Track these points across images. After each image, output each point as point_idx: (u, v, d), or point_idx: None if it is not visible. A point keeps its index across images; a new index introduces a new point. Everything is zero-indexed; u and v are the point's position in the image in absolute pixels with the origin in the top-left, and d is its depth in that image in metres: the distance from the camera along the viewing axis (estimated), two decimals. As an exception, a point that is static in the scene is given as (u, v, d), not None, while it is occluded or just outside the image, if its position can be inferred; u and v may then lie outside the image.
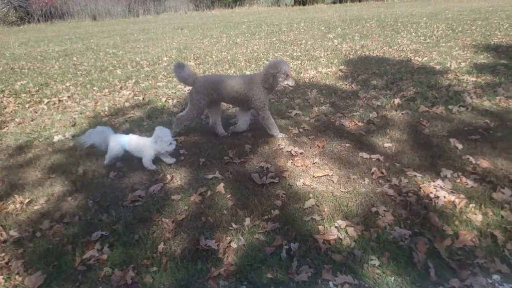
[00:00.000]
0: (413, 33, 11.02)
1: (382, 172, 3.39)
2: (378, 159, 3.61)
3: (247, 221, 2.80)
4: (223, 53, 9.83)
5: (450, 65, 6.83)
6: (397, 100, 5.07)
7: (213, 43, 11.88)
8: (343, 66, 7.32)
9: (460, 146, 3.74)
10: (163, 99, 5.81)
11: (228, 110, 5.23)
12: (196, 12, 30.54)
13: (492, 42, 8.79)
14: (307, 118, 4.71)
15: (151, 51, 10.88)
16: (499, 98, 4.95)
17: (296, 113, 4.89)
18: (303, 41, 10.87)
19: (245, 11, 29.08)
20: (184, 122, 4.32)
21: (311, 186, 3.26)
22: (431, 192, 3.07)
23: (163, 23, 21.17)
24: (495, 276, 2.25)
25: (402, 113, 4.64)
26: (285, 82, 3.97)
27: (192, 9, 31.64)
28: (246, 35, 13.38)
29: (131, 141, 3.59)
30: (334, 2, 31.36)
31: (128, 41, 13.52)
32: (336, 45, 9.83)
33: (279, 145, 4.02)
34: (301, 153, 3.81)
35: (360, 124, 4.44)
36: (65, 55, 11.05)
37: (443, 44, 9.00)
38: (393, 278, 2.27)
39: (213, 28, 16.24)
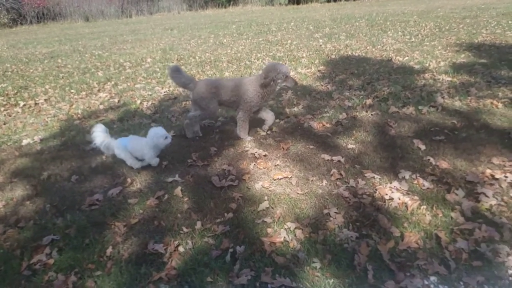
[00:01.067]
0: (399, 32, 11.03)
1: (340, 174, 3.40)
2: (339, 161, 3.62)
3: (198, 224, 2.82)
4: (207, 53, 9.84)
5: (429, 65, 6.84)
6: (369, 101, 5.08)
7: (199, 43, 11.88)
8: (323, 67, 7.33)
9: (423, 147, 3.75)
10: (138, 102, 5.82)
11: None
12: (190, 12, 30.53)
13: (476, 41, 8.81)
14: (277, 120, 4.70)
15: (136, 52, 10.88)
16: (471, 98, 4.96)
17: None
18: (289, 41, 10.88)
19: (239, 10, 29.08)
20: (196, 124, 4.32)
21: (269, 189, 3.27)
22: (386, 194, 3.08)
23: (155, 23, 21.15)
24: (432, 278, 2.27)
25: (371, 114, 4.65)
26: (284, 84, 4.00)
27: (185, 9, 31.63)
28: (234, 35, 13.39)
29: (131, 142, 3.62)
30: (328, 1, 31.37)
31: (116, 43, 13.51)
32: (321, 45, 9.84)
33: (244, 147, 4.02)
34: (264, 156, 3.81)
35: (328, 125, 4.46)
36: (51, 57, 11.03)
37: (427, 43, 9.01)
38: (332, 280, 2.28)
39: (203, 29, 16.24)
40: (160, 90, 6.41)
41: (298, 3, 30.98)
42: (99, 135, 3.64)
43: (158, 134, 3.52)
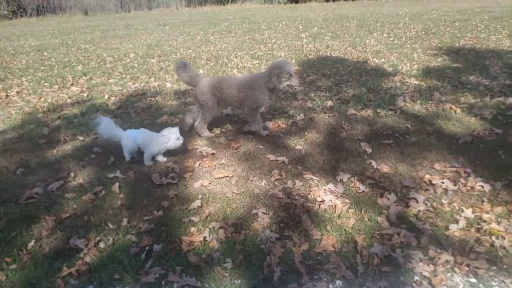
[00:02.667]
0: (385, 34, 11.02)
1: (281, 175, 3.42)
2: (283, 161, 3.64)
3: (125, 221, 2.82)
4: (190, 50, 9.86)
5: (402, 68, 6.85)
6: (330, 103, 5.09)
7: (186, 40, 11.90)
8: (297, 67, 7.34)
9: (369, 151, 3.76)
10: (106, 96, 5.85)
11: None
12: (188, 9, 30.49)
13: (457, 45, 8.80)
14: (236, 119, 4.70)
15: (122, 47, 10.90)
16: (432, 102, 4.97)
17: (227, 113, 4.88)
18: (273, 40, 10.89)
19: (236, 8, 29.03)
20: (204, 126, 4.28)
21: (208, 188, 3.29)
22: (319, 196, 3.09)
23: (151, 19, 21.16)
24: (338, 282, 2.29)
25: (329, 116, 4.67)
26: (288, 82, 3.98)
27: (184, 5, 31.55)
28: (223, 33, 13.39)
29: (142, 135, 3.66)
30: (327, 0, 31.18)
31: (106, 37, 13.53)
32: (303, 45, 9.85)
33: (195, 145, 4.03)
34: (212, 154, 3.83)
35: (283, 126, 4.47)
36: (38, 50, 11.07)
37: (408, 46, 9.01)
38: (239, 281, 2.30)
39: (195, 25, 16.25)
40: (131, 86, 6.43)
41: (296, 2, 30.89)
42: (105, 126, 3.69)
43: (171, 136, 3.58)
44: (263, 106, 4.27)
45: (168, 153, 3.76)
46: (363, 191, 3.14)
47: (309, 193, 3.16)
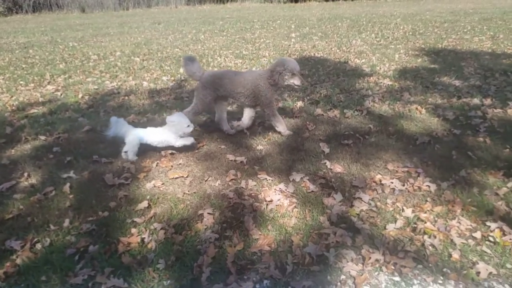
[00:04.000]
0: (373, 34, 11.05)
1: (236, 175, 3.43)
2: (241, 162, 3.67)
3: (67, 222, 2.84)
4: (176, 49, 9.89)
5: (380, 69, 6.84)
6: (300, 103, 5.09)
7: (176, 39, 11.93)
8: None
9: (327, 151, 3.78)
10: (80, 95, 5.88)
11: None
12: (187, 7, 30.48)
13: (440, 46, 8.82)
14: (204, 118, 4.73)
15: (110, 45, 10.94)
16: (399, 103, 5.00)
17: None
18: (262, 40, 10.91)
19: (236, 7, 29.02)
20: (190, 117, 4.11)
21: (160, 188, 3.31)
22: (269, 196, 3.10)
23: (148, 17, 21.20)
24: (265, 282, 2.31)
25: (296, 116, 4.68)
26: (291, 81, 3.95)
27: (183, 3, 31.52)
28: (215, 31, 13.42)
29: (151, 134, 3.73)
30: (326, 0, 31.07)
31: (97, 35, 13.57)
32: (289, 45, 9.87)
33: (156, 145, 4.03)
34: (171, 154, 3.85)
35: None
36: (25, 47, 11.10)
37: (392, 46, 9.02)
38: (168, 282, 2.33)
39: (190, 24, 16.28)
40: (108, 85, 6.45)
41: (296, 1, 30.82)
42: (117, 125, 3.74)
43: (180, 123, 3.62)
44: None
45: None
46: (312, 191, 3.17)
47: (260, 193, 3.14)
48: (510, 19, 13.05)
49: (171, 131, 3.67)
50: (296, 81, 4.00)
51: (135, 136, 3.75)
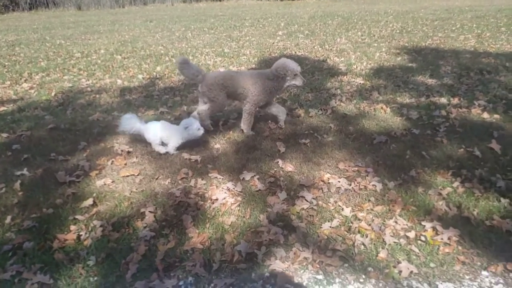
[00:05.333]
0: (360, 32, 11.02)
1: (187, 174, 3.44)
2: (196, 160, 3.69)
3: (8, 219, 2.86)
4: (160, 47, 9.91)
5: (356, 67, 6.85)
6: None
7: (164, 36, 11.96)
8: (255, 65, 7.36)
9: (283, 150, 3.81)
10: (53, 93, 5.90)
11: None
12: (183, 4, 30.46)
13: (423, 44, 8.84)
14: (169, 116, 4.75)
15: (96, 43, 10.98)
16: (366, 102, 5.02)
17: (162, 111, 4.92)
18: (248, 38, 10.92)
19: (232, 4, 28.98)
20: (207, 118, 4.24)
21: (109, 186, 3.34)
22: (215, 195, 3.12)
23: (142, 14, 21.20)
24: (190, 279, 2.35)
25: (260, 115, 4.68)
26: (293, 82, 4.00)
27: (180, 0, 31.46)
28: (204, 29, 13.43)
29: (162, 128, 3.76)
30: (323, -3, 30.89)
31: (87, 33, 13.60)
32: (273, 43, 9.86)
33: (114, 142, 4.07)
34: (128, 152, 3.88)
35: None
36: (12, 45, 11.13)
37: (376, 45, 9.02)
38: (95, 278, 2.36)
39: (181, 22, 16.28)
40: (84, 83, 6.47)
41: (292, -1, 30.62)
42: (129, 121, 3.79)
43: (192, 126, 3.66)
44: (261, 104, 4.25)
45: (87, 150, 3.89)
46: (259, 190, 3.18)
47: (207, 192, 3.16)
48: (503, 16, 13.02)
49: (178, 133, 3.75)
50: (297, 82, 4.07)
51: (153, 131, 3.81)
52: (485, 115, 4.41)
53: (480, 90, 5.31)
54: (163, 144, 3.86)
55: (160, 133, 3.76)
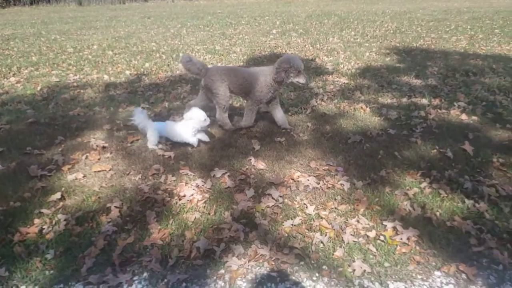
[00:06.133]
0: (353, 32, 11.00)
1: (158, 170, 3.46)
2: (169, 156, 3.69)
3: (-28, 213, 2.86)
4: (153, 43, 9.94)
5: (343, 67, 6.85)
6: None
7: (158, 33, 11.97)
8: (243, 63, 7.37)
9: (257, 148, 3.82)
10: (38, 88, 5.91)
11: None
12: (184, 2, 30.46)
13: (415, 45, 8.85)
14: (149, 113, 4.76)
15: (91, 39, 11.01)
16: (347, 102, 5.01)
17: (143, 107, 4.94)
18: (241, 36, 10.92)
19: (232, 2, 28.98)
20: (225, 116, 4.26)
21: (80, 181, 3.36)
22: (183, 191, 3.14)
23: (141, 11, 21.25)
24: (145, 274, 2.36)
25: (241, 113, 4.69)
26: (296, 79, 3.98)
27: (182, -4, 31.47)
28: (200, 26, 13.44)
29: (168, 128, 3.81)
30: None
31: (83, 28, 13.62)
32: (266, 41, 9.85)
33: (91, 137, 4.09)
34: (103, 148, 3.89)
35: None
36: (7, 39, 11.16)
37: (367, 44, 9.02)
38: (51, 272, 2.38)
39: (179, 19, 16.31)
40: (71, 78, 6.48)
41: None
42: (139, 116, 3.83)
43: (198, 117, 3.67)
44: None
45: (62, 144, 3.84)
46: (228, 187, 3.18)
47: (176, 188, 3.17)
48: (499, 18, 13.00)
49: (188, 127, 3.72)
50: (301, 80, 4.04)
51: (155, 129, 3.84)
52: (464, 117, 4.40)
53: (462, 91, 5.31)
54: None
55: (166, 133, 3.84)
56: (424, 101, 4.97)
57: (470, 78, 5.95)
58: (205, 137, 3.87)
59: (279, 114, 4.31)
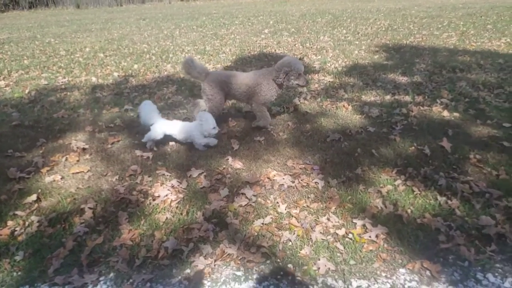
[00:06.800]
0: (344, 30, 11.00)
1: (136, 171, 3.48)
2: (147, 157, 3.71)
3: (-51, 215, 2.89)
4: (144, 45, 9.95)
5: (330, 65, 6.86)
6: (233, 101, 5.12)
7: (151, 35, 11.99)
8: (231, 63, 7.39)
9: (236, 147, 3.85)
10: (27, 90, 5.93)
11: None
12: (180, 3, 30.47)
13: (405, 42, 8.84)
14: (132, 114, 4.78)
15: (84, 41, 11.05)
16: (330, 100, 5.02)
17: (126, 108, 4.96)
18: (233, 36, 10.92)
19: (228, 2, 28.95)
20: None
21: (58, 183, 3.38)
22: (158, 191, 3.16)
23: (138, 13, 21.23)
24: (112, 274, 2.38)
25: (222, 113, 4.70)
26: (296, 82, 4.01)
27: (178, -2, 31.45)
28: (193, 27, 13.46)
29: (175, 127, 3.81)
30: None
31: (78, 31, 13.65)
32: (256, 41, 9.87)
33: (72, 139, 4.11)
34: (83, 149, 3.90)
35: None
36: (2, 43, 11.21)
37: (357, 43, 9.02)
38: (19, 273, 2.40)
39: (173, 20, 16.31)
40: (60, 80, 6.51)
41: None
42: (147, 108, 3.87)
43: (208, 123, 3.72)
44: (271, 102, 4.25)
45: (43, 146, 3.92)
46: (204, 187, 3.20)
47: (151, 189, 3.19)
48: (493, 14, 12.96)
49: (197, 129, 3.73)
50: (301, 82, 4.07)
51: (160, 126, 3.82)
52: (445, 113, 4.41)
53: (446, 88, 5.30)
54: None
55: (164, 130, 3.84)
56: (408, 98, 4.94)
57: (456, 75, 5.95)
58: (213, 142, 3.88)
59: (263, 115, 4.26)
